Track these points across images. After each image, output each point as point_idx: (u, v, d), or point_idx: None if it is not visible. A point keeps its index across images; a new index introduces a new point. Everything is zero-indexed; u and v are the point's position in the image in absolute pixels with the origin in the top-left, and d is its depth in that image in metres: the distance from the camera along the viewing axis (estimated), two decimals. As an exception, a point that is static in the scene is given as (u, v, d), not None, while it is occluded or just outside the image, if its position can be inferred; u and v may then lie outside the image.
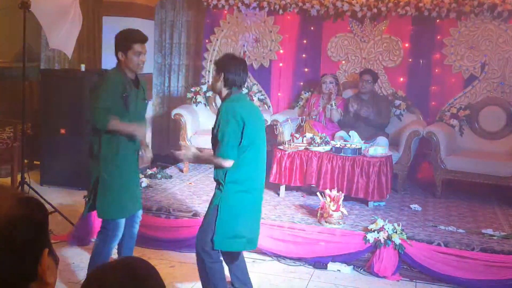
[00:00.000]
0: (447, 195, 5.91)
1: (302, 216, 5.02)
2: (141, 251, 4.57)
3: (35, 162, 7.14)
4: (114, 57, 3.72)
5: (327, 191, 4.86)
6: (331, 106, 6.32)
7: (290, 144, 5.69)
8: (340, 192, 4.86)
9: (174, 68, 7.97)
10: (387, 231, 4.47)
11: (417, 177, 6.62)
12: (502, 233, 4.71)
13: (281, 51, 7.15)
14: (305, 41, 7.17)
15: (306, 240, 4.68)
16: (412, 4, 6.52)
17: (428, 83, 6.75)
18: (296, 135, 5.88)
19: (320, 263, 4.57)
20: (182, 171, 6.63)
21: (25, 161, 5.90)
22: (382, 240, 4.44)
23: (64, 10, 5.20)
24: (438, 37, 6.64)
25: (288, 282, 4.32)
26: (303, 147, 5.63)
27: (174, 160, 6.53)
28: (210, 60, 7.30)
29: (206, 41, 7.40)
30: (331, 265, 4.55)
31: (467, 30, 6.48)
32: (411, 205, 5.50)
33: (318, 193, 4.95)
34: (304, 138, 5.79)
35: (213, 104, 7.01)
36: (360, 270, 4.53)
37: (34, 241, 1.15)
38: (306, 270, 4.54)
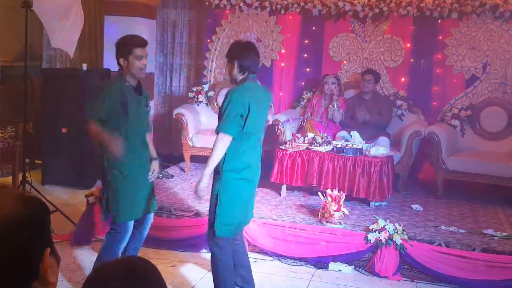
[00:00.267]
0: (448, 196, 5.91)
1: (304, 216, 5.03)
2: (142, 251, 4.56)
3: (37, 161, 7.15)
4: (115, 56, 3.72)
5: (329, 191, 4.86)
6: (333, 107, 6.32)
7: (292, 144, 5.69)
8: (342, 192, 4.86)
9: (176, 68, 7.96)
10: (388, 231, 4.47)
11: (418, 177, 6.62)
12: (503, 234, 4.71)
13: (283, 51, 7.15)
14: (307, 41, 7.16)
15: (307, 240, 4.68)
16: (414, 4, 6.52)
17: (430, 83, 6.74)
18: (298, 135, 5.88)
19: (321, 263, 4.58)
20: (184, 171, 6.64)
21: (27, 160, 5.92)
22: (383, 240, 4.44)
23: (66, 9, 5.20)
24: (440, 37, 6.64)
25: (289, 282, 4.32)
26: (305, 147, 5.63)
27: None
28: (212, 60, 7.31)
29: (208, 41, 7.40)
30: (332, 265, 4.55)
31: (469, 31, 6.47)
32: (412, 205, 5.51)
33: (320, 193, 4.95)
34: (306, 138, 5.80)
35: (215, 104, 7.01)
36: (361, 270, 4.53)
37: (36, 241, 1.16)
38: (307, 270, 4.54)
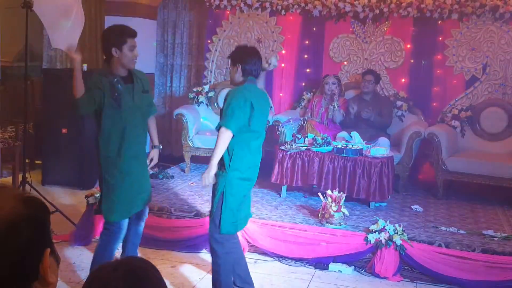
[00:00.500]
0: (448, 196, 5.91)
1: (304, 217, 5.03)
2: (142, 251, 4.57)
3: (37, 162, 7.15)
4: None
5: (329, 192, 4.86)
6: (334, 107, 6.32)
7: (292, 145, 5.69)
8: (342, 193, 4.86)
9: (176, 68, 7.97)
10: (388, 232, 4.47)
11: (419, 178, 6.62)
12: (503, 234, 4.71)
13: (283, 52, 7.14)
14: (307, 42, 7.16)
15: (307, 241, 4.68)
16: (414, 5, 6.52)
17: (430, 84, 6.74)
18: (298, 136, 5.88)
19: (321, 264, 4.57)
20: (184, 171, 6.64)
21: (27, 161, 5.91)
22: (383, 241, 4.44)
23: (67, 10, 5.19)
24: (440, 38, 6.64)
25: (289, 283, 4.32)
26: (305, 148, 5.63)
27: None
28: (212, 60, 7.31)
29: (208, 42, 7.39)
30: (332, 266, 4.55)
31: (469, 32, 6.47)
32: (412, 206, 5.50)
33: (320, 194, 4.95)
34: (306, 139, 5.80)
35: (215, 104, 7.01)
36: (361, 271, 4.53)
37: (36, 241, 1.16)
38: (307, 271, 4.54)
